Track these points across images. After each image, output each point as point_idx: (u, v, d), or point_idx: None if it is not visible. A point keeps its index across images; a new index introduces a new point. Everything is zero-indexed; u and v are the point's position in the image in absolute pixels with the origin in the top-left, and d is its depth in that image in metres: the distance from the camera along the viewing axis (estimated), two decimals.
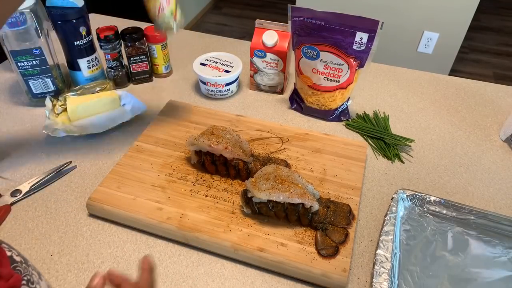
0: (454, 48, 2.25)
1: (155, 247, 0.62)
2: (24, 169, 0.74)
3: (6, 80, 0.96)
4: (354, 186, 0.69)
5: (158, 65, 0.97)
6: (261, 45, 0.89)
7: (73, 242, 0.62)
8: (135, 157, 0.73)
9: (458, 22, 2.14)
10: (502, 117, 0.91)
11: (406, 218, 0.66)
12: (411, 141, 0.82)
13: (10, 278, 0.30)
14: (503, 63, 2.85)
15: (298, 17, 0.80)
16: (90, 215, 0.66)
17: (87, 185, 0.71)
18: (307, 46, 0.81)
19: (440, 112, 0.93)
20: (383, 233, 0.61)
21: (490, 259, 0.61)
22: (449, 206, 0.66)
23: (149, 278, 0.46)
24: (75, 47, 0.86)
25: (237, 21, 3.33)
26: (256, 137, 0.79)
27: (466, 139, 0.86)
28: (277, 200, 0.59)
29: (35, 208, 0.67)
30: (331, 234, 0.60)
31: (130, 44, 0.91)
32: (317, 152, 0.76)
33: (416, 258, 0.60)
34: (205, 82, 0.91)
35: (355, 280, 0.59)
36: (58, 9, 0.81)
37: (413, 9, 2.16)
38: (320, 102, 0.87)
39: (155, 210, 0.63)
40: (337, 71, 0.81)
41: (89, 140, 0.80)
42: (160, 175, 0.70)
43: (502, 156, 0.82)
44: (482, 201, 0.72)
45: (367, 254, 0.62)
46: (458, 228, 0.65)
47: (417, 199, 0.67)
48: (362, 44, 0.77)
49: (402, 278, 0.57)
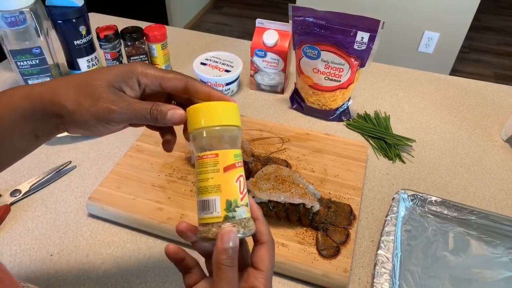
0: (454, 48, 2.25)
1: (155, 248, 0.62)
2: (23, 169, 0.73)
3: (5, 80, 0.96)
4: (355, 186, 0.69)
5: (158, 65, 0.97)
6: (261, 45, 0.89)
7: (73, 242, 0.62)
8: (135, 157, 0.73)
9: (458, 22, 2.14)
10: (503, 117, 0.91)
11: (407, 218, 0.66)
12: (412, 141, 0.82)
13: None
14: (503, 63, 2.85)
15: (299, 16, 0.79)
16: (90, 215, 0.66)
17: (87, 185, 0.71)
18: (308, 46, 0.81)
19: (441, 112, 0.93)
20: (384, 234, 0.61)
21: (492, 259, 0.60)
22: (450, 206, 0.66)
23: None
24: (75, 47, 0.86)
25: (237, 20, 3.33)
26: (256, 137, 0.79)
27: (467, 139, 0.86)
28: (277, 200, 0.58)
29: (35, 208, 0.67)
30: (332, 235, 0.60)
31: (130, 44, 0.91)
32: (318, 152, 0.75)
33: (417, 259, 0.60)
34: (205, 81, 0.91)
35: (356, 281, 0.58)
36: (58, 8, 0.80)
37: (413, 8, 2.16)
38: (321, 102, 0.87)
39: (155, 210, 0.63)
40: (338, 70, 0.81)
41: (89, 140, 0.80)
42: (160, 175, 0.69)
43: (503, 156, 0.82)
44: (483, 201, 0.72)
45: (368, 255, 0.62)
46: (459, 228, 0.64)
47: (418, 199, 0.67)
48: (363, 44, 0.76)
49: (403, 278, 0.57)
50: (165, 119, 0.38)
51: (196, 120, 0.37)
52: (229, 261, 0.33)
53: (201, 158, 0.36)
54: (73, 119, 0.38)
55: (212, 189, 0.35)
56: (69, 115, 0.38)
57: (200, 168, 0.36)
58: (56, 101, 0.38)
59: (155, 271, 0.59)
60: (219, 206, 0.35)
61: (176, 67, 1.03)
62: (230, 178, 0.35)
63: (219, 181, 0.35)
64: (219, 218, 0.34)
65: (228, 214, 0.35)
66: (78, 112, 0.38)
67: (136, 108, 0.38)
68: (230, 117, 0.37)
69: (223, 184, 0.35)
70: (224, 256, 0.33)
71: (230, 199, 0.35)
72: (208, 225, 0.35)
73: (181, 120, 0.39)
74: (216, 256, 0.34)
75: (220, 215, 0.34)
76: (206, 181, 0.35)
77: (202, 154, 0.36)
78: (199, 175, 0.36)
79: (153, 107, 0.38)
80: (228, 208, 0.35)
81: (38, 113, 0.39)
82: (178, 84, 0.40)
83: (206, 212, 0.35)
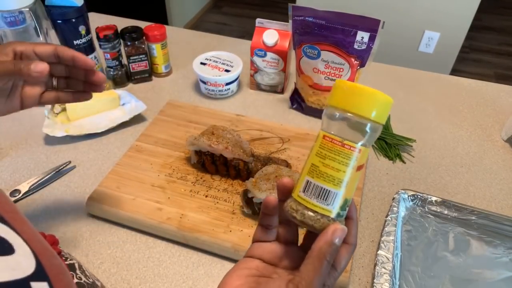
0: (455, 48, 2.24)
1: (155, 248, 0.62)
2: (23, 169, 0.73)
3: None
4: None
5: (157, 65, 0.97)
6: (261, 44, 0.88)
7: (73, 243, 0.62)
8: (134, 157, 0.73)
9: (459, 22, 2.14)
10: (504, 117, 0.91)
11: (408, 218, 0.66)
12: (412, 141, 0.82)
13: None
14: (504, 63, 2.85)
15: (299, 16, 0.79)
16: (89, 215, 0.66)
17: (86, 185, 0.71)
18: (308, 46, 0.80)
19: (441, 112, 0.93)
20: (384, 234, 0.61)
21: (492, 259, 0.60)
22: (450, 206, 0.66)
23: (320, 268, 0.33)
24: (75, 46, 0.85)
25: (237, 20, 3.33)
26: (256, 137, 0.78)
27: (467, 139, 0.86)
28: None
29: (34, 208, 0.67)
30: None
31: (129, 43, 0.91)
32: None
33: (418, 259, 0.60)
34: (205, 81, 0.90)
35: (356, 281, 0.58)
36: (57, 8, 0.80)
37: (414, 8, 2.16)
38: (321, 101, 0.86)
39: (155, 211, 0.63)
40: (338, 70, 0.81)
41: (89, 140, 0.80)
42: (160, 175, 0.69)
43: (503, 156, 0.81)
44: (483, 202, 0.72)
45: (368, 255, 0.62)
46: (459, 228, 0.64)
47: (419, 199, 0.67)
48: (363, 44, 0.76)
49: (403, 278, 0.57)
50: (30, 69, 0.43)
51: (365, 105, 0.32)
52: (331, 256, 0.33)
53: (343, 145, 0.33)
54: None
55: (338, 182, 0.33)
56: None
57: (335, 155, 0.33)
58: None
59: (154, 271, 0.58)
60: (337, 202, 0.33)
61: (176, 67, 1.03)
62: (357, 178, 0.34)
63: (349, 178, 0.33)
64: (331, 213, 0.33)
65: (340, 212, 0.34)
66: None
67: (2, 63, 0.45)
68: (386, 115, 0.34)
69: (350, 183, 0.34)
70: (330, 249, 0.33)
71: (348, 199, 0.34)
72: (317, 214, 0.33)
73: (42, 70, 0.44)
74: (322, 247, 0.33)
75: (335, 211, 0.33)
76: (336, 171, 0.33)
77: (347, 143, 0.33)
78: (329, 161, 0.33)
79: (18, 61, 0.45)
80: (343, 206, 0.34)
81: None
82: (48, 48, 0.48)
83: (320, 201, 0.33)
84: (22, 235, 0.25)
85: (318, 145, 0.34)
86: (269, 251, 0.38)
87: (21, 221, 0.26)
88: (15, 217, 0.26)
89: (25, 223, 0.27)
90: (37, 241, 0.26)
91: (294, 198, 0.35)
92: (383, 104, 0.33)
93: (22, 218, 0.27)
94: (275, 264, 0.38)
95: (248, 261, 0.38)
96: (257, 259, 0.38)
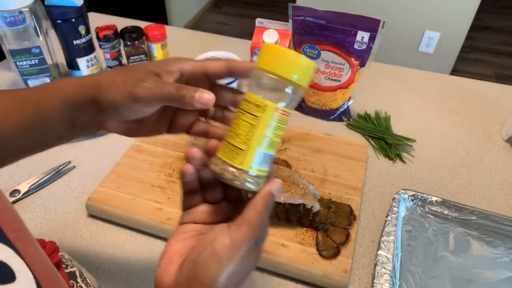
0: (455, 48, 2.24)
1: (155, 248, 0.61)
2: (23, 169, 0.73)
3: (5, 80, 0.96)
4: (355, 187, 0.68)
5: None
6: (261, 44, 0.88)
7: (73, 243, 0.62)
8: (134, 157, 0.73)
9: (459, 22, 2.14)
10: (504, 117, 0.91)
11: (408, 218, 0.65)
12: (413, 141, 0.82)
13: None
14: (504, 62, 2.85)
15: (299, 16, 0.79)
16: (89, 216, 0.66)
17: (86, 185, 0.71)
18: (308, 45, 0.80)
19: (441, 112, 0.93)
20: (384, 234, 0.61)
21: (492, 259, 0.60)
22: (450, 206, 0.66)
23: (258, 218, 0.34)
24: (74, 46, 0.85)
25: (237, 20, 3.33)
26: None
27: (467, 139, 0.85)
28: (277, 201, 0.58)
29: (34, 209, 0.67)
30: (332, 235, 0.60)
31: (129, 43, 0.91)
32: (318, 152, 0.75)
33: (418, 259, 0.60)
34: None
35: (356, 281, 0.58)
36: (57, 8, 0.80)
37: (414, 8, 2.16)
38: (321, 101, 0.86)
39: (155, 211, 0.63)
40: (338, 70, 0.81)
41: (89, 140, 0.80)
42: (160, 175, 0.69)
43: (504, 156, 0.81)
44: (484, 202, 0.72)
45: (368, 255, 0.62)
46: (459, 228, 0.64)
47: (419, 199, 0.67)
48: (363, 44, 0.76)
49: (404, 279, 0.57)
50: (193, 99, 0.37)
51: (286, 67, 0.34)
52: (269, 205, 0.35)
53: (286, 114, 0.35)
54: (106, 98, 0.38)
55: (277, 146, 0.36)
56: (103, 94, 0.38)
57: (280, 124, 0.35)
58: (95, 83, 0.39)
59: (154, 271, 0.58)
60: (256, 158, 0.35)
61: None
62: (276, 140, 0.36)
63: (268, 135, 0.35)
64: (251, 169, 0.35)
65: (260, 167, 0.36)
66: (110, 90, 0.38)
67: (163, 85, 0.37)
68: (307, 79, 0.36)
69: (270, 141, 0.35)
70: (270, 199, 0.35)
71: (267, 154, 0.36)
72: (237, 169, 0.35)
73: (207, 102, 0.37)
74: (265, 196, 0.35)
75: (255, 166, 0.35)
76: (279, 138, 0.36)
77: (286, 110, 0.35)
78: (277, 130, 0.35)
79: (181, 86, 0.37)
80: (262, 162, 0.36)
81: (78, 98, 0.39)
82: (221, 65, 0.40)
83: (263, 165, 0.35)
84: (26, 258, 0.24)
85: (240, 107, 0.35)
86: (199, 213, 0.39)
87: (27, 241, 0.26)
88: (21, 237, 0.25)
89: (30, 243, 0.26)
90: (41, 264, 0.25)
91: (218, 157, 0.36)
92: (304, 67, 0.34)
93: (28, 237, 0.26)
94: (209, 223, 0.38)
95: (183, 227, 0.38)
96: (191, 224, 0.38)
